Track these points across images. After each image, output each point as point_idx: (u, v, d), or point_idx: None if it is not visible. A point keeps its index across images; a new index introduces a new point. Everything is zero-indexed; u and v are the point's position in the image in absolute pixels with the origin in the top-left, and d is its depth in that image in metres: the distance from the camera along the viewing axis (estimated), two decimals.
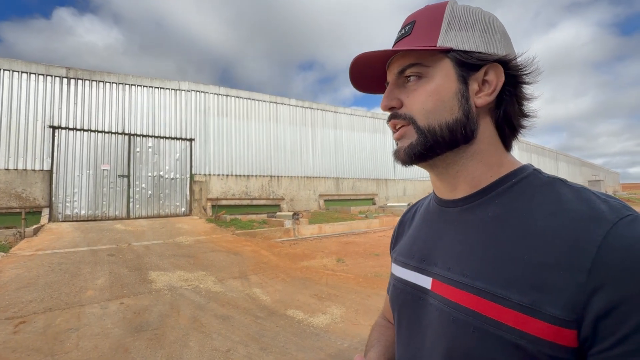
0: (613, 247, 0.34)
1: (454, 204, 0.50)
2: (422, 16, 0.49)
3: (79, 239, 6.70)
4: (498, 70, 0.46)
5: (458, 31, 0.46)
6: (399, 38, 0.50)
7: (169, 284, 4.33)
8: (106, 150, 9.52)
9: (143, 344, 2.77)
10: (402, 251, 0.59)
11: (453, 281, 0.45)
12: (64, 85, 9.08)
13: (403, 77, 0.49)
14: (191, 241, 6.93)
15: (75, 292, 3.93)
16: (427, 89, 0.46)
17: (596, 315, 0.33)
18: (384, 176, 16.37)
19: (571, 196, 0.40)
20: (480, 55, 0.45)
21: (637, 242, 0.34)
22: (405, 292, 0.54)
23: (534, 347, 0.36)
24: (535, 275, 0.37)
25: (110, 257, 5.46)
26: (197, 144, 11.04)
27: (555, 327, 0.35)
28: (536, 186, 0.44)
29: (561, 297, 0.35)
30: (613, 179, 55.65)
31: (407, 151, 0.48)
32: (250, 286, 4.42)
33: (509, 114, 0.48)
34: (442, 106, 0.46)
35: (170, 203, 10.41)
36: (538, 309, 0.36)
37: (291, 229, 8.63)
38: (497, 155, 0.49)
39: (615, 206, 0.38)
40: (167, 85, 10.68)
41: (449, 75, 0.46)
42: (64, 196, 8.82)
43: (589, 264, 0.34)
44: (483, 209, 0.46)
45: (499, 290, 0.39)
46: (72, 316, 3.28)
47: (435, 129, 0.46)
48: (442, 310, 0.45)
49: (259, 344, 2.83)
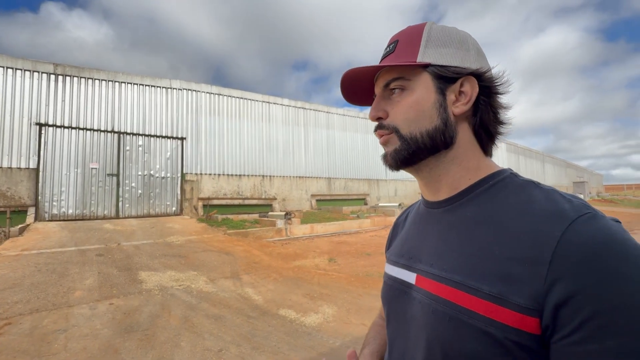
0: (571, 241, 0.37)
1: (437, 205, 0.55)
2: (403, 36, 0.54)
3: (66, 238, 6.57)
4: (472, 82, 0.50)
5: (435, 48, 0.51)
6: (384, 55, 0.55)
7: (160, 284, 4.29)
8: (95, 148, 9.35)
9: (133, 344, 2.74)
10: (395, 251, 0.63)
11: (434, 275, 0.49)
12: (51, 81, 8.88)
13: (388, 90, 0.54)
14: (182, 241, 6.86)
15: (63, 292, 3.86)
16: (408, 101, 0.51)
17: (555, 305, 0.36)
18: (375, 176, 16.48)
19: (541, 197, 0.44)
20: (455, 69, 0.50)
21: (592, 237, 0.37)
22: (394, 288, 0.58)
23: (501, 333, 0.39)
24: (504, 268, 0.41)
25: (99, 257, 5.38)
26: (188, 142, 10.93)
27: (520, 314, 0.38)
28: (511, 188, 0.48)
29: (525, 287, 0.38)
30: (597, 180, 57.11)
31: (393, 156, 0.53)
32: (242, 286, 4.41)
33: (485, 121, 0.52)
34: (423, 115, 0.50)
35: (160, 202, 10.28)
36: (505, 299, 0.39)
37: (283, 229, 8.63)
38: (476, 160, 0.52)
39: (577, 205, 0.41)
40: (158, 84, 10.54)
41: (428, 88, 0.51)
42: (51, 195, 8.63)
43: (550, 257, 0.37)
44: (462, 210, 0.50)
45: (473, 283, 0.42)
46: (60, 317, 3.23)
47: (417, 136, 0.51)
48: (424, 303, 0.49)
49: (251, 344, 2.83)
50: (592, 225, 0.38)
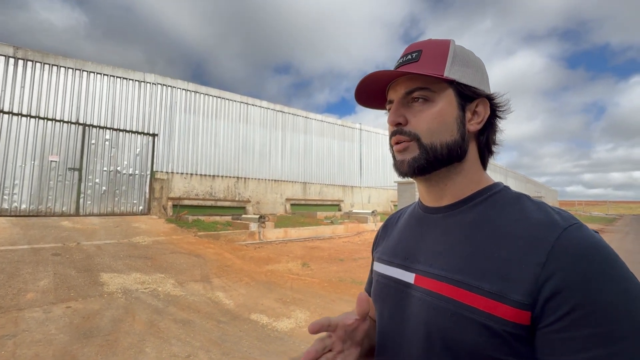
0: (563, 246, 0.43)
1: (437, 211, 0.58)
2: (428, 48, 0.56)
3: (17, 235, 6.05)
4: (486, 104, 0.56)
5: (460, 67, 0.54)
6: (404, 62, 0.56)
7: (123, 286, 4.07)
8: (56, 140, 8.72)
9: (93, 350, 2.58)
10: (387, 251, 0.65)
11: (434, 275, 0.52)
12: (9, 65, 8.21)
13: (409, 98, 0.55)
14: (149, 242, 6.55)
15: (13, 294, 3.55)
16: (432, 112, 0.54)
17: (545, 299, 0.41)
18: (350, 183, 16.69)
19: (533, 208, 0.50)
20: (474, 89, 0.55)
21: (581, 243, 0.43)
22: (389, 287, 0.60)
23: (499, 326, 0.43)
24: (503, 268, 0.45)
25: (56, 256, 5.00)
26: (160, 139, 10.49)
27: (516, 309, 0.42)
28: (506, 199, 0.53)
29: (522, 285, 0.43)
30: (552, 196, 61.53)
31: (411, 164, 0.54)
32: (213, 290, 4.28)
33: (489, 140, 0.58)
34: (445, 128, 0.54)
35: (126, 200, 9.74)
36: (504, 296, 0.43)
37: (256, 232, 8.49)
38: (478, 173, 0.58)
39: (566, 216, 0.47)
40: (130, 76, 10.07)
41: (452, 103, 0.54)
42: (2, 188, 7.91)
43: (545, 259, 0.43)
44: (463, 216, 0.54)
45: (474, 281, 0.46)
46: (9, 321, 2.96)
47: (437, 147, 0.53)
48: (424, 300, 0.52)
49: (221, 349, 2.75)
50: (580, 234, 0.44)
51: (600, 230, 17.39)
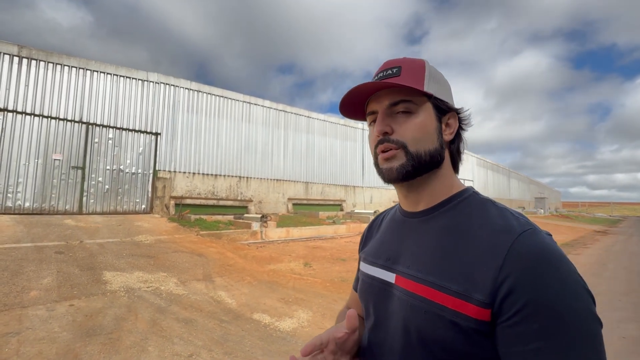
0: (516, 250, 0.48)
1: (414, 216, 0.64)
2: (406, 64, 0.62)
3: (21, 233, 6.08)
4: (455, 118, 0.64)
5: (435, 84, 0.61)
6: (386, 76, 0.61)
7: (126, 285, 4.07)
8: (59, 138, 8.75)
9: (95, 349, 2.58)
10: (371, 252, 0.71)
11: (411, 276, 0.57)
12: (14, 64, 8.25)
13: (393, 109, 0.60)
14: (151, 240, 6.56)
15: (16, 292, 3.56)
16: (416, 122, 0.59)
17: (502, 298, 0.46)
18: (352, 183, 16.67)
19: (495, 213, 0.55)
20: (447, 104, 0.62)
21: (531, 248, 0.48)
22: (373, 286, 0.66)
23: (465, 323, 0.48)
24: (468, 271, 0.50)
25: (59, 254, 5.02)
26: (163, 138, 10.52)
27: (479, 308, 0.47)
28: (474, 205, 0.59)
29: (484, 286, 0.48)
30: (556, 197, 61.22)
31: (399, 170, 0.59)
32: (215, 289, 4.28)
33: (458, 148, 0.65)
34: (427, 137, 0.60)
35: (129, 199, 9.77)
36: (469, 295, 0.48)
37: (258, 232, 8.49)
38: (451, 178, 0.64)
39: (522, 222, 0.52)
40: (133, 75, 10.10)
41: (431, 115, 0.60)
42: (6, 186, 7.96)
43: (501, 262, 0.48)
44: (436, 221, 0.60)
45: (444, 282, 0.52)
46: (12, 319, 2.97)
47: (422, 154, 0.59)
48: (402, 299, 0.57)
49: (224, 349, 2.75)
50: (532, 239, 0.49)
51: (604, 232, 17.27)
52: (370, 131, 0.65)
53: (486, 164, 31.13)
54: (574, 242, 12.16)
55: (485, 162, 31.03)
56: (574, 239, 13.28)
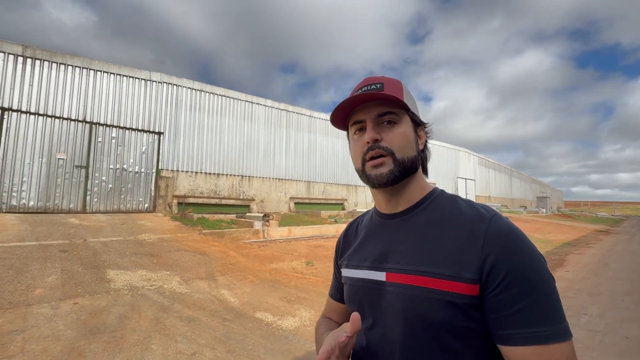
0: (491, 233, 0.58)
1: (394, 217, 0.70)
2: (387, 82, 0.69)
3: (26, 232, 6.13)
4: (423, 130, 0.73)
5: (409, 100, 0.69)
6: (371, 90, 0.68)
7: (130, 283, 4.10)
8: (63, 138, 8.81)
9: (99, 347, 2.60)
10: (354, 257, 0.75)
11: (403, 270, 0.63)
12: (18, 64, 8.30)
13: (380, 120, 0.67)
14: (154, 239, 6.60)
15: (21, 290, 3.60)
16: (400, 132, 0.67)
17: (487, 273, 0.55)
18: (354, 182, 16.67)
19: (465, 205, 0.65)
20: (419, 118, 0.71)
21: (502, 229, 0.58)
22: (364, 287, 0.69)
23: (460, 300, 0.56)
24: (455, 256, 0.58)
25: (63, 253, 5.06)
26: (166, 138, 10.56)
27: (470, 285, 0.56)
28: (445, 201, 0.68)
29: (471, 265, 0.56)
30: (558, 196, 60.90)
31: (389, 175, 0.65)
32: (218, 287, 4.31)
33: (427, 155, 0.75)
34: (409, 146, 0.67)
35: (132, 198, 9.82)
36: (460, 276, 0.56)
37: (261, 231, 8.52)
38: (423, 180, 0.73)
39: (488, 210, 0.62)
40: (136, 75, 10.14)
41: (409, 126, 0.69)
42: (10, 185, 8.02)
43: (482, 243, 0.57)
44: (416, 219, 0.67)
45: (435, 270, 0.59)
46: (17, 317, 3.00)
47: (406, 160, 0.66)
48: (398, 292, 0.63)
49: (226, 347, 2.77)
50: (500, 222, 0.59)
51: (606, 232, 17.19)
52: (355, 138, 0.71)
53: (488, 163, 31.01)
54: (576, 241, 12.11)
55: (487, 161, 30.92)
56: (576, 238, 13.22)
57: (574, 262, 7.70)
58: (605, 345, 3.14)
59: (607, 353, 2.98)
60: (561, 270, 6.72)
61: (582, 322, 3.73)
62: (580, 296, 4.81)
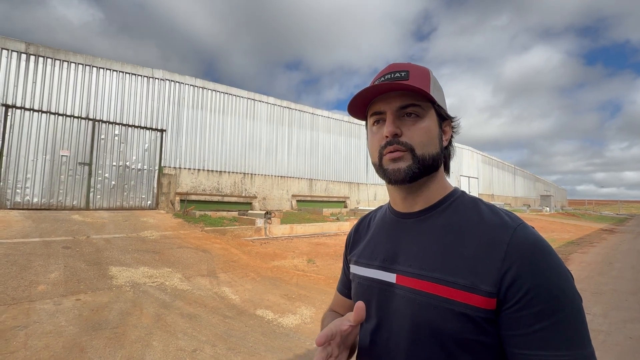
0: (515, 244, 0.53)
1: (410, 216, 0.66)
2: (413, 70, 0.63)
3: (29, 228, 6.17)
4: (449, 125, 0.67)
5: (437, 91, 0.64)
6: (395, 79, 0.62)
7: (132, 280, 4.12)
8: (67, 135, 8.85)
9: (101, 343, 2.62)
10: (364, 254, 0.71)
11: (415, 274, 0.59)
12: (22, 61, 8.34)
13: (402, 112, 0.62)
14: (157, 236, 6.63)
15: (25, 286, 3.62)
16: (423, 127, 0.61)
17: (507, 287, 0.51)
18: (356, 180, 16.64)
19: (487, 211, 0.60)
20: (446, 112, 0.65)
21: (527, 240, 0.53)
22: (372, 287, 0.66)
23: (473, 313, 0.52)
24: (472, 265, 0.54)
25: (66, 249, 5.09)
26: (168, 135, 10.58)
27: (486, 298, 0.51)
28: (466, 204, 0.63)
29: (489, 277, 0.52)
30: (562, 195, 60.51)
31: (407, 171, 0.60)
32: (219, 285, 4.32)
33: (449, 152, 0.68)
34: (431, 142, 0.62)
35: (135, 195, 9.87)
36: (476, 287, 0.52)
37: (262, 228, 8.53)
38: (444, 180, 0.67)
39: (513, 218, 0.57)
40: (139, 72, 10.15)
41: (434, 120, 0.63)
42: (15, 182, 8.08)
43: (503, 255, 0.52)
44: (433, 220, 0.62)
45: (450, 277, 0.55)
46: (20, 312, 3.03)
47: (426, 158, 0.61)
48: (408, 297, 0.59)
49: (227, 344, 2.77)
50: (525, 232, 0.54)
51: (611, 231, 17.06)
52: (374, 130, 0.65)
53: (492, 161, 30.83)
54: (580, 240, 12.03)
55: (491, 159, 30.73)
56: (580, 237, 13.13)
57: (577, 261, 7.64)
58: (608, 345, 3.12)
59: (610, 353, 2.95)
60: None
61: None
62: (583, 295, 4.78)
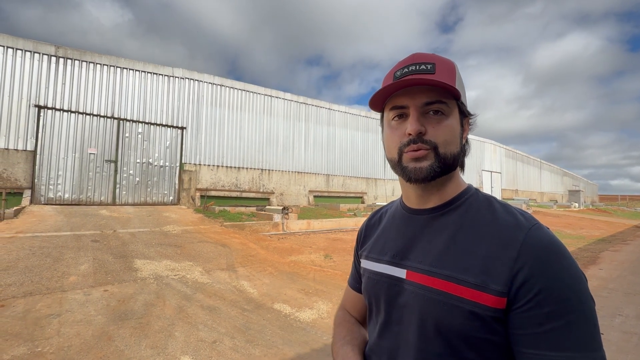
0: (529, 244, 0.52)
1: (422, 212, 0.65)
2: (440, 63, 0.60)
3: (61, 223, 6.53)
4: (468, 122, 0.65)
5: (461, 87, 0.61)
6: (420, 71, 0.59)
7: (155, 272, 4.28)
8: (94, 133, 9.26)
9: (127, 332, 2.74)
10: (374, 249, 0.71)
11: (425, 270, 0.59)
12: (52, 64, 8.76)
13: (427, 108, 0.59)
14: (178, 231, 6.84)
15: (58, 277, 3.84)
16: (447, 124, 0.60)
17: (518, 286, 0.51)
18: (373, 175, 16.49)
19: (501, 210, 0.59)
20: (466, 109, 0.63)
21: (541, 241, 0.52)
22: (382, 282, 0.66)
23: (483, 312, 0.52)
24: (483, 264, 0.54)
25: (95, 243, 5.35)
26: (188, 132, 10.86)
27: (497, 297, 0.51)
28: (480, 202, 0.62)
29: (500, 276, 0.52)
30: (592, 190, 57.52)
31: (429, 170, 0.59)
32: (238, 278, 4.41)
33: (466, 149, 0.66)
34: (454, 140, 0.61)
35: (158, 191, 10.23)
36: (486, 286, 0.52)
37: (280, 223, 8.62)
38: (459, 178, 0.67)
39: (528, 218, 0.56)
40: (160, 71, 10.44)
41: (457, 118, 0.61)
42: (47, 178, 8.56)
43: (516, 255, 0.52)
44: (446, 217, 0.62)
45: (460, 275, 0.54)
46: (54, 302, 3.21)
47: (448, 157, 0.60)
48: (417, 293, 0.59)
49: (246, 337, 2.83)
50: (540, 233, 0.54)
51: None
52: (393, 124, 0.62)
53: (516, 155, 29.68)
54: (612, 237, 11.41)
55: (515, 153, 29.59)
56: (611, 234, 12.45)
57: (608, 259, 7.26)
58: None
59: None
60: (594, 268, 6.36)
61: (616, 323, 3.52)
62: (615, 295, 4.53)
